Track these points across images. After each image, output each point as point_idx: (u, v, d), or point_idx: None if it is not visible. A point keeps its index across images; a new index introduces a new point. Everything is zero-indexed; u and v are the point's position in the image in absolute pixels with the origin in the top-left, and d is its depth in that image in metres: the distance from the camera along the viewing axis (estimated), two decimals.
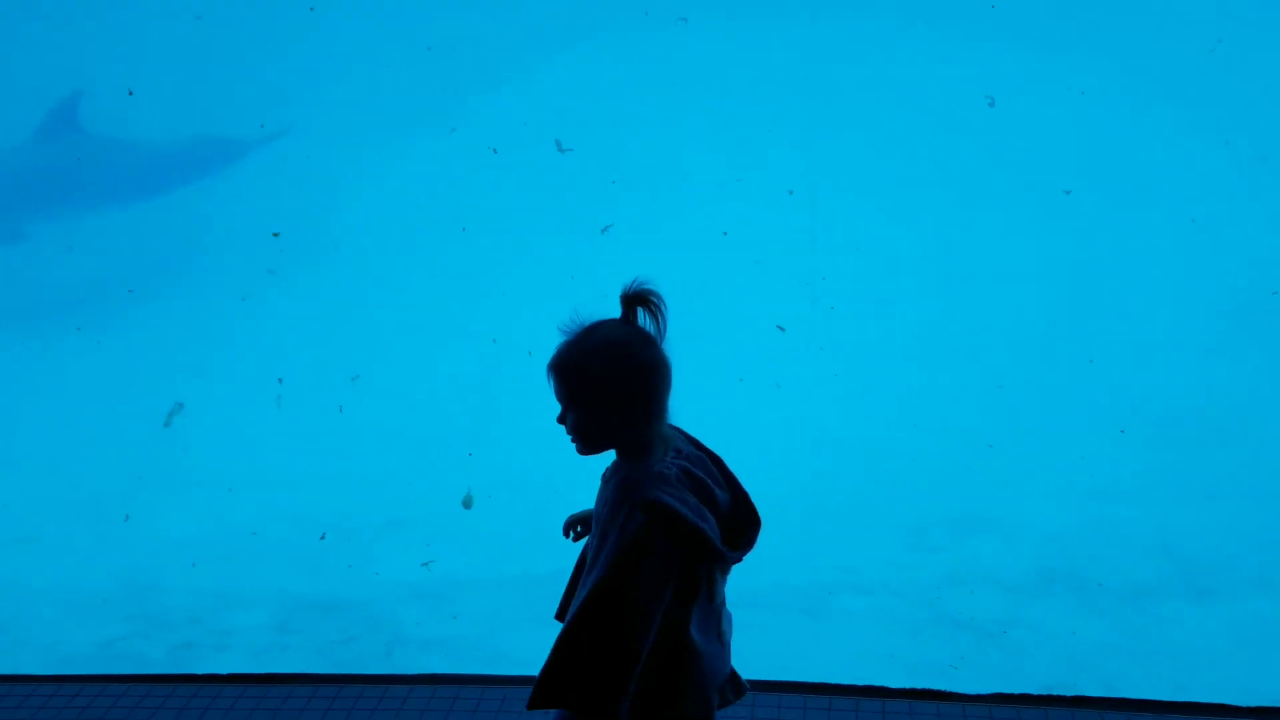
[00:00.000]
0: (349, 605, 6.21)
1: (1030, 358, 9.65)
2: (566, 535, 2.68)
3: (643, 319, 2.37)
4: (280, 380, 7.90)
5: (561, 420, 2.39)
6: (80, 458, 8.18)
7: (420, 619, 6.25)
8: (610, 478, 2.40)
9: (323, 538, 6.51)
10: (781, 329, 8.75)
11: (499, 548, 7.12)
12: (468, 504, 7.33)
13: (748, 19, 14.47)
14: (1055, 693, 3.86)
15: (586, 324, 2.38)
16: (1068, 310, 10.64)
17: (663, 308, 2.37)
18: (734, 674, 2.52)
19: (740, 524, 2.40)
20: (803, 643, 5.76)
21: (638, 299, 2.37)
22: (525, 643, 5.73)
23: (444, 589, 6.59)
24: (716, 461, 2.45)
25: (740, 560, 2.40)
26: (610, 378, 2.32)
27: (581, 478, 8.00)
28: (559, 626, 2.31)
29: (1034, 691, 3.86)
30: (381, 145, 13.09)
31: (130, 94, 10.57)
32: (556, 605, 2.62)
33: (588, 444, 2.39)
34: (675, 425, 2.49)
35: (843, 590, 6.33)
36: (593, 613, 2.24)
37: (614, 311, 2.34)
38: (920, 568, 6.60)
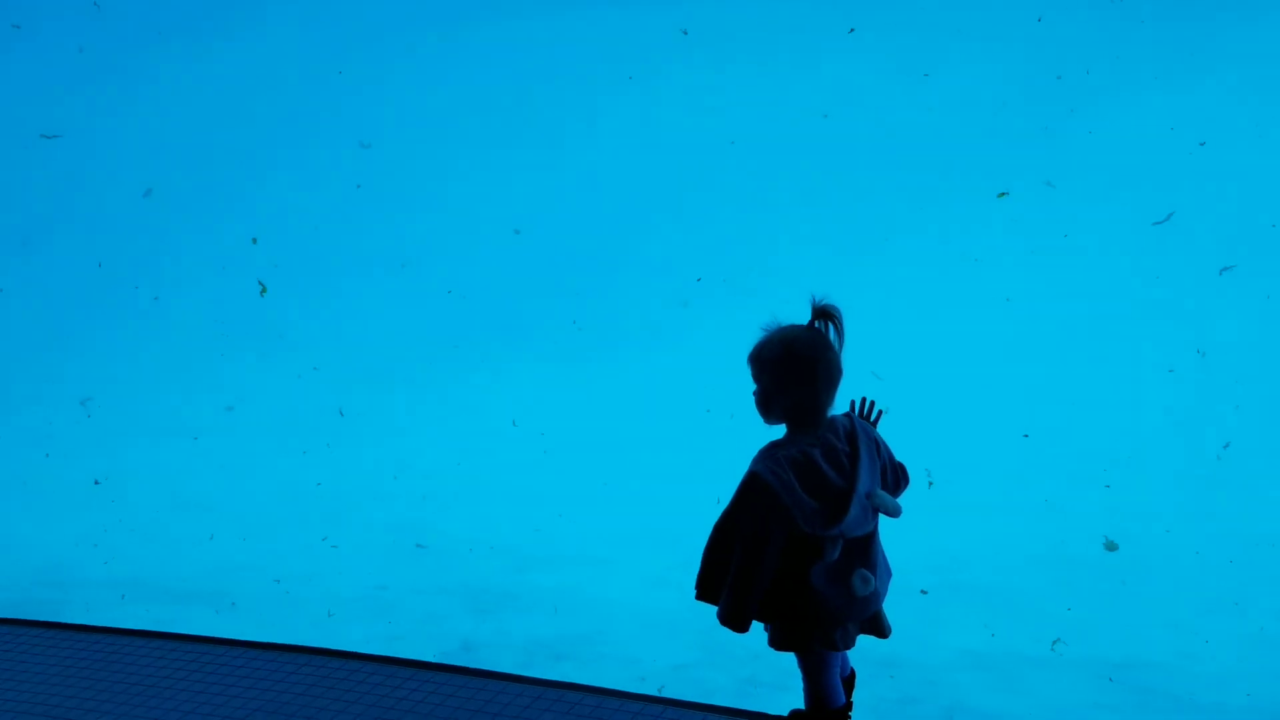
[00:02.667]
0: (909, 664, 6.06)
1: None
2: None
3: (831, 333, 3.05)
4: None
5: (754, 395, 3.12)
6: (645, 487, 8.72)
7: (981, 689, 5.97)
8: None
9: (924, 593, 6.46)
10: None
11: (1068, 624, 6.66)
12: (1111, 547, 6.95)
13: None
14: None
15: (779, 324, 3.10)
16: None
17: (842, 322, 3.05)
18: (875, 617, 3.20)
19: (835, 507, 2.99)
20: None
21: (822, 312, 3.05)
22: None
23: (1006, 660, 6.25)
24: (853, 453, 3.05)
25: (830, 536, 2.98)
26: (775, 364, 3.03)
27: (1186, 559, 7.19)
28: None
29: None
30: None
31: None
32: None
33: (763, 415, 3.12)
34: (855, 419, 3.16)
35: None
36: (711, 538, 3.06)
37: None
38: None
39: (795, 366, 3.02)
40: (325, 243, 13.51)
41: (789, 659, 3.42)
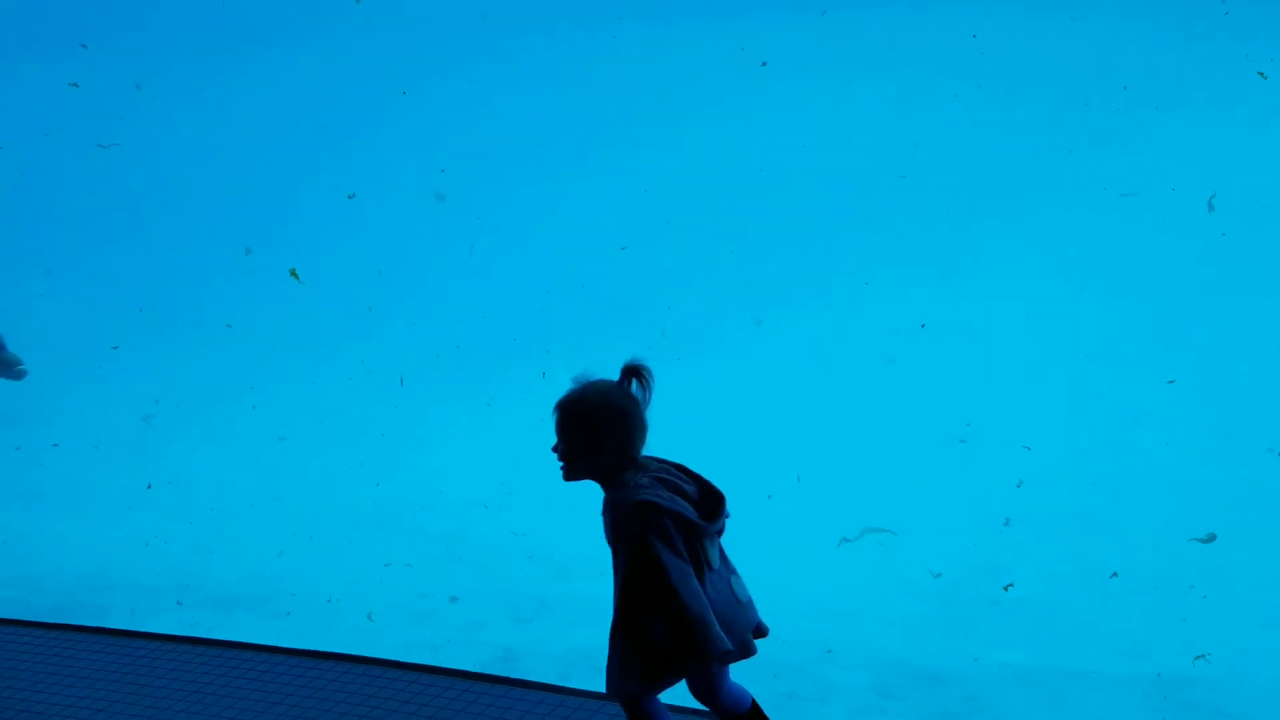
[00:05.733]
0: (950, 680, 6.01)
1: None
2: None
3: (635, 387, 3.07)
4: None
5: (555, 449, 3.09)
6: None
7: (1024, 707, 5.91)
8: (605, 508, 3.08)
9: (1008, 522, 6.39)
10: None
11: (1113, 640, 6.57)
12: (1210, 539, 6.91)
13: None
14: None
15: (590, 379, 3.09)
16: None
17: (651, 380, 3.08)
18: (759, 624, 3.15)
19: (711, 503, 3.06)
20: None
21: (633, 370, 3.08)
22: None
23: (1051, 678, 6.18)
24: (681, 468, 3.12)
25: (719, 528, 3.05)
26: (590, 421, 3.04)
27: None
28: None
29: None
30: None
31: None
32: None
33: (569, 470, 3.11)
34: (651, 456, 3.15)
35: None
36: (631, 603, 2.96)
37: None
38: None
39: (614, 424, 3.05)
40: (410, 256, 13.65)
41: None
